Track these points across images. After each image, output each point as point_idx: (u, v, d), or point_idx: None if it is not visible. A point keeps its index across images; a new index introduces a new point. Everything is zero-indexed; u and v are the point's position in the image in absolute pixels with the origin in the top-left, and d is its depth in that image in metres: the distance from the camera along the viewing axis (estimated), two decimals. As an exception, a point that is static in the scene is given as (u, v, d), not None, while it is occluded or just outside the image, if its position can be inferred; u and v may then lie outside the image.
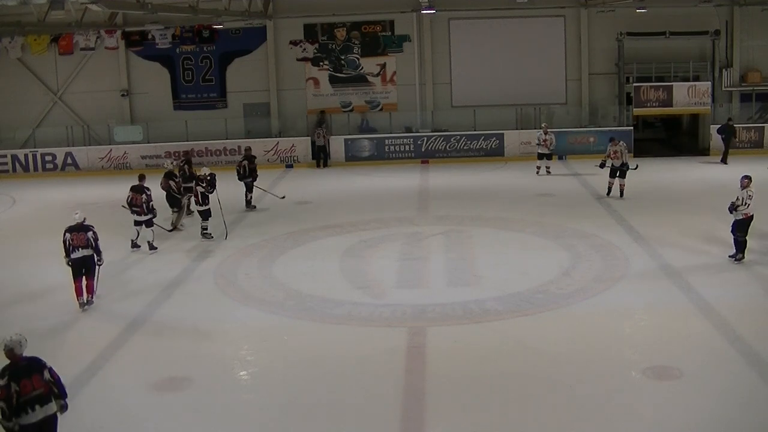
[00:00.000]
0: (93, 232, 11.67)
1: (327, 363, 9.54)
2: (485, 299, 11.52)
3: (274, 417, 8.27)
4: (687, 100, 24.56)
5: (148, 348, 10.29)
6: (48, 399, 6.80)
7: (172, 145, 25.72)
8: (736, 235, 12.73)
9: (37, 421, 6.68)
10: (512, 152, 25.36)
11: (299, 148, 25.69)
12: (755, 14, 25.58)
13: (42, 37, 26.36)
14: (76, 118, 27.21)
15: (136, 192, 14.91)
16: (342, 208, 18.84)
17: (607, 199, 18.13)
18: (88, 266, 11.65)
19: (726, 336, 9.81)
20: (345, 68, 27.17)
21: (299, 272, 13.31)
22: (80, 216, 11.79)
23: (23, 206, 20.54)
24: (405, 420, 8.09)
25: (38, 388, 6.72)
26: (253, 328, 10.97)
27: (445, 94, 27.11)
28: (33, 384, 6.70)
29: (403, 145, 25.93)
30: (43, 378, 6.79)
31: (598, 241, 14.60)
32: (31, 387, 6.68)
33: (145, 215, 14.77)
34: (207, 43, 27.17)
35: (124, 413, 8.39)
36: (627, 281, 12.23)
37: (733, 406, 8.06)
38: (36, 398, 6.69)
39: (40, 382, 6.75)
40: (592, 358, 9.40)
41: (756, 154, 24.12)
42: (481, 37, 26.73)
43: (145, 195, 14.79)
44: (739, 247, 12.76)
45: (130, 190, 15.07)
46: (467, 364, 9.37)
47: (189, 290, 12.68)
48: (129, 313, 11.48)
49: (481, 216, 17.14)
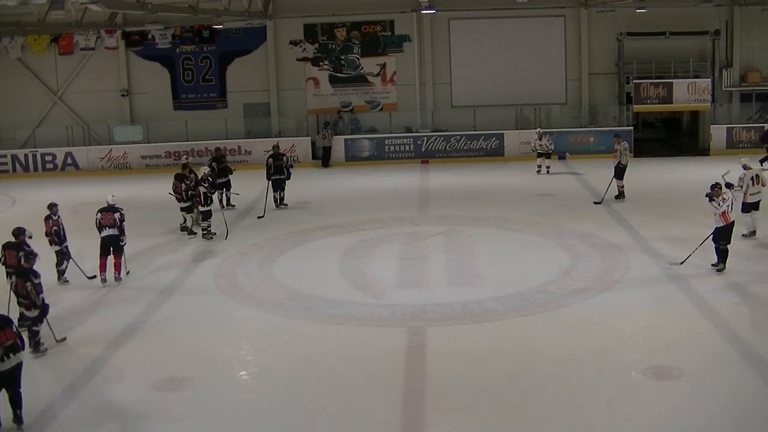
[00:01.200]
0: (120, 213, 12.79)
1: (327, 363, 9.54)
2: (485, 299, 11.52)
3: (274, 417, 8.27)
4: (687, 96, 24.57)
5: (148, 348, 10.28)
6: (18, 349, 7.92)
7: (172, 145, 25.80)
8: (718, 244, 12.31)
9: (9, 369, 7.80)
10: (512, 152, 25.37)
11: (299, 148, 25.69)
12: (755, 14, 25.59)
13: (42, 37, 26.37)
14: (76, 118, 27.22)
15: (177, 180, 16.00)
16: (342, 208, 18.84)
17: (607, 199, 18.09)
18: (116, 245, 12.72)
19: (726, 336, 9.81)
20: (345, 68, 27.18)
21: (299, 272, 13.31)
22: (113, 199, 13.01)
23: (23, 206, 20.52)
24: (405, 420, 8.09)
25: (10, 339, 7.84)
26: (253, 328, 10.97)
27: (445, 94, 27.12)
28: (6, 335, 7.81)
29: (403, 145, 25.94)
30: (12, 330, 7.91)
31: (598, 241, 14.59)
32: (5, 338, 7.78)
33: (184, 202, 15.71)
34: (207, 43, 27.18)
35: (124, 413, 8.39)
36: (627, 281, 12.22)
37: (733, 406, 8.07)
38: (10, 348, 7.81)
39: (11, 334, 7.88)
40: (592, 358, 9.40)
41: (756, 154, 24.06)
42: (481, 37, 26.74)
43: (184, 184, 15.81)
44: (720, 256, 12.29)
45: (173, 178, 16.18)
46: (467, 364, 9.36)
47: (189, 290, 12.68)
48: (129, 312, 11.48)
49: (481, 216, 17.14)
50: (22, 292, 9.74)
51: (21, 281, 9.75)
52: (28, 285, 9.66)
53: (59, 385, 9.04)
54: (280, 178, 18.44)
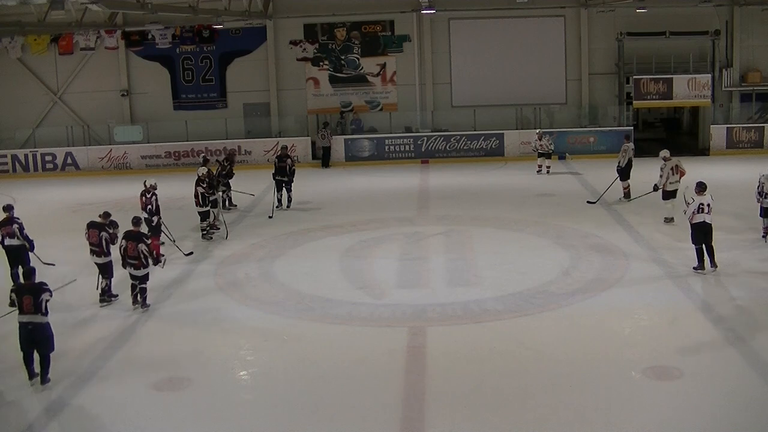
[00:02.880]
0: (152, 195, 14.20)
1: (327, 363, 9.54)
2: (485, 299, 11.52)
3: (274, 417, 8.27)
4: (687, 92, 24.56)
5: (148, 348, 10.29)
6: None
7: (172, 145, 25.81)
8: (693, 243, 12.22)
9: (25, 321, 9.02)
10: (512, 152, 25.39)
11: (299, 148, 25.69)
12: (755, 14, 25.59)
13: (42, 37, 26.39)
14: (76, 118, 27.23)
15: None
16: (342, 208, 18.85)
17: (608, 200, 18.09)
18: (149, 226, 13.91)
19: (726, 336, 9.81)
20: (345, 68, 27.18)
21: (299, 272, 13.31)
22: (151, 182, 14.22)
23: (23, 206, 20.46)
24: (405, 420, 8.09)
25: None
26: (253, 328, 10.96)
27: (445, 94, 27.12)
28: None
29: (403, 145, 25.96)
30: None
31: (598, 241, 14.60)
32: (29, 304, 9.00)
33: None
34: (207, 43, 27.19)
35: (124, 413, 8.38)
36: (627, 281, 12.22)
37: (733, 406, 8.06)
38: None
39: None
40: (592, 358, 9.40)
41: (756, 154, 24.13)
42: (481, 37, 26.75)
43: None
44: (697, 257, 12.21)
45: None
46: (467, 364, 9.36)
47: (189, 290, 12.68)
48: (129, 312, 11.49)
49: (481, 216, 17.14)
50: (133, 254, 11.30)
51: (133, 244, 11.29)
52: (141, 246, 11.27)
53: (59, 384, 9.04)
54: (281, 179, 18.45)
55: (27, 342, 8.99)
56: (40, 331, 8.98)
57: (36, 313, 8.95)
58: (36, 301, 8.95)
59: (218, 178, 17.30)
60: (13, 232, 12.47)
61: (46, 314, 9.01)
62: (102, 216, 11.99)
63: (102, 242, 11.67)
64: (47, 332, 9.06)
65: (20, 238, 12.49)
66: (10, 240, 12.51)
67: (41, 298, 8.98)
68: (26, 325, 8.97)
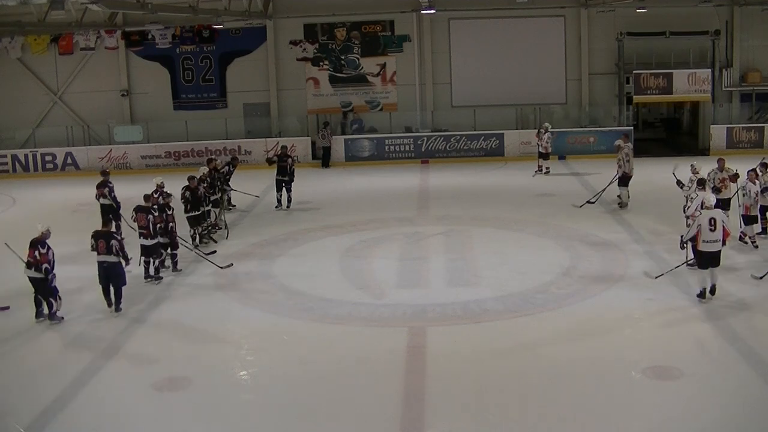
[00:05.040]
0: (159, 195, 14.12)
1: (327, 363, 9.55)
2: (485, 299, 11.53)
3: (274, 417, 8.28)
4: (687, 87, 24.52)
5: (148, 348, 10.29)
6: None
7: (172, 145, 25.81)
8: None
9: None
10: (512, 152, 25.38)
11: (299, 148, 25.68)
12: (755, 14, 25.56)
13: (42, 37, 26.36)
14: (76, 118, 27.22)
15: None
16: (342, 208, 18.84)
17: (608, 200, 18.06)
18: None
19: (726, 336, 9.82)
20: (345, 68, 27.17)
21: (299, 272, 13.31)
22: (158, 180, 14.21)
23: (23, 206, 20.53)
24: (405, 420, 8.09)
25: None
26: (253, 328, 10.97)
27: (445, 94, 27.11)
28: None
29: (403, 145, 25.95)
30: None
31: (598, 241, 14.60)
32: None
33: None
34: (207, 43, 27.16)
35: (124, 413, 8.39)
36: (627, 281, 12.23)
37: (733, 406, 8.07)
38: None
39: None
40: (592, 358, 9.40)
41: (756, 154, 24.04)
42: (481, 37, 26.73)
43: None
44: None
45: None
46: (467, 364, 9.37)
47: (189, 290, 12.69)
48: (129, 313, 11.48)
49: (481, 216, 17.14)
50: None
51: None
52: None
53: (59, 384, 9.04)
54: (281, 178, 18.45)
55: (103, 277, 11.24)
56: (113, 269, 11.18)
57: (108, 254, 11.13)
58: (108, 244, 11.11)
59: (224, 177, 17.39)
60: (105, 194, 15.51)
61: (117, 255, 11.14)
62: (146, 199, 13.02)
63: (149, 225, 12.71)
64: (119, 270, 11.27)
65: (109, 199, 15.52)
66: (104, 199, 15.57)
67: (111, 243, 11.11)
68: (102, 264, 11.19)
